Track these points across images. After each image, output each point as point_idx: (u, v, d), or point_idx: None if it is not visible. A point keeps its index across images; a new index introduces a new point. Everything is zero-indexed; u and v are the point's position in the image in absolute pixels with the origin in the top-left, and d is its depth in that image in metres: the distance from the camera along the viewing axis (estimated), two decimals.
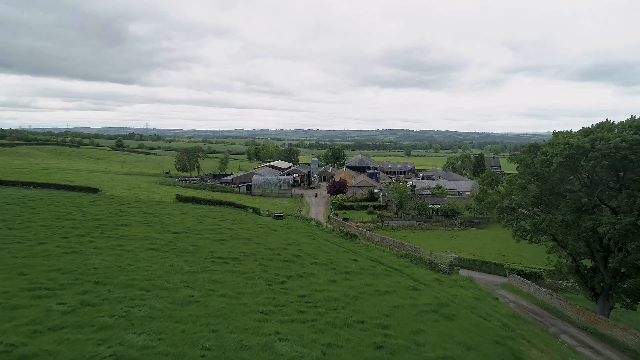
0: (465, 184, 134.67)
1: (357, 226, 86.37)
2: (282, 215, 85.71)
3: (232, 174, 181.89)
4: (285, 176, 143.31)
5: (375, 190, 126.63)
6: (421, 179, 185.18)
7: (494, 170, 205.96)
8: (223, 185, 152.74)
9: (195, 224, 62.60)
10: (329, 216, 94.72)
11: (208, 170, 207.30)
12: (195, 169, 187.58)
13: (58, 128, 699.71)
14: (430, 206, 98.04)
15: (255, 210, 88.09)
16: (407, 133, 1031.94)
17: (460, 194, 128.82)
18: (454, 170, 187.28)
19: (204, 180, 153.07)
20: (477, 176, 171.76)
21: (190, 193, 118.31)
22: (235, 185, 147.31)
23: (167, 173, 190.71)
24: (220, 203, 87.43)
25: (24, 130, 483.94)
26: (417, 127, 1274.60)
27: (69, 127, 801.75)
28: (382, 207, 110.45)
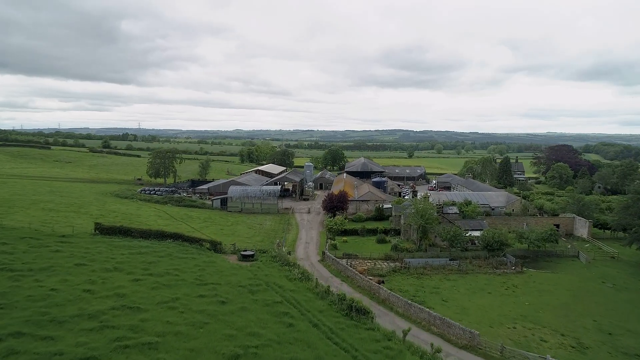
0: (497, 197, 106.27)
1: (363, 271, 58.08)
2: (252, 255, 57.47)
3: (212, 180, 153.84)
4: (271, 186, 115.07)
5: (385, 207, 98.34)
6: (435, 187, 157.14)
7: (517, 175, 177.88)
8: (195, 196, 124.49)
9: (77, 297, 34.29)
10: (323, 252, 66.35)
11: (191, 175, 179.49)
12: (171, 175, 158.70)
13: (55, 128, 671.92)
14: (467, 234, 69.73)
15: (214, 246, 59.78)
16: (407, 133, 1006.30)
17: (493, 209, 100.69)
18: (474, 177, 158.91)
19: (172, 191, 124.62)
20: (506, 185, 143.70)
21: (142, 212, 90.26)
22: (211, 197, 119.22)
23: (139, 179, 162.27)
24: (162, 235, 59.13)
25: (12, 130, 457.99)
26: (417, 127, 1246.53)
27: (64, 127, 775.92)
28: (396, 232, 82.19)
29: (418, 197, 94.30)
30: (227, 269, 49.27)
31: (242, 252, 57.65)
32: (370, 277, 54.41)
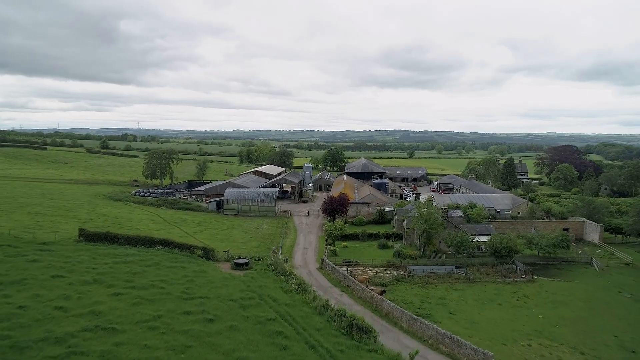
0: (502, 199, 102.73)
1: (364, 280, 54.64)
2: (246, 263, 54.01)
3: (210, 182, 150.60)
4: (269, 188, 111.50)
5: (387, 209, 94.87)
6: (437, 189, 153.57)
7: (520, 177, 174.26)
8: (191, 198, 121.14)
9: (46, 316, 30.82)
10: (322, 259, 62.86)
11: (189, 176, 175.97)
12: (168, 176, 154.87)
13: (54, 129, 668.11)
14: (474, 239, 66.15)
15: (207, 254, 56.33)
16: (407, 134, 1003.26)
17: (498, 212, 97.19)
18: (477, 178, 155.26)
19: (167, 193, 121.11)
20: (510, 187, 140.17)
21: (134, 215, 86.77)
22: (207, 199, 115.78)
23: (135, 181, 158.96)
24: (151, 242, 55.63)
25: (11, 130, 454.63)
26: (417, 127, 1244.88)
27: (64, 128, 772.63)
28: (399, 236, 78.71)
29: (421, 199, 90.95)
30: (218, 279, 45.80)
31: (236, 260, 54.19)
32: (372, 288, 50.91)
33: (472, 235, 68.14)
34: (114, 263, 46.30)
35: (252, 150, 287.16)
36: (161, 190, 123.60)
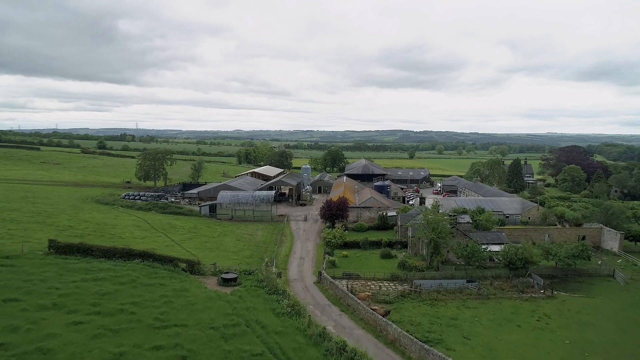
0: (511, 203, 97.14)
1: (366, 297, 49.03)
2: (235, 279, 48.45)
3: (205, 183, 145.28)
4: (264, 192, 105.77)
5: (389, 214, 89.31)
6: (440, 191, 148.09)
7: (526, 178, 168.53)
8: (184, 202, 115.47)
9: None
10: (320, 272, 57.23)
11: (185, 177, 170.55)
12: (162, 177, 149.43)
13: (54, 129, 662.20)
14: (486, 249, 60.44)
15: (192, 267, 50.76)
16: (407, 134, 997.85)
17: (507, 217, 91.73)
18: (481, 180, 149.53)
19: (158, 196, 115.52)
20: (517, 190, 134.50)
21: (120, 221, 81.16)
22: (201, 202, 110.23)
23: (128, 182, 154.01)
24: (129, 254, 49.99)
25: (9, 130, 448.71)
26: (417, 127, 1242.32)
27: (64, 128, 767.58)
28: (403, 244, 73.14)
29: (426, 204, 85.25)
30: (200, 300, 40.24)
31: (223, 275, 48.62)
32: (375, 307, 45.36)
33: (483, 244, 62.58)
34: (82, 281, 40.74)
35: (250, 150, 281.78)
36: (152, 193, 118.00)
